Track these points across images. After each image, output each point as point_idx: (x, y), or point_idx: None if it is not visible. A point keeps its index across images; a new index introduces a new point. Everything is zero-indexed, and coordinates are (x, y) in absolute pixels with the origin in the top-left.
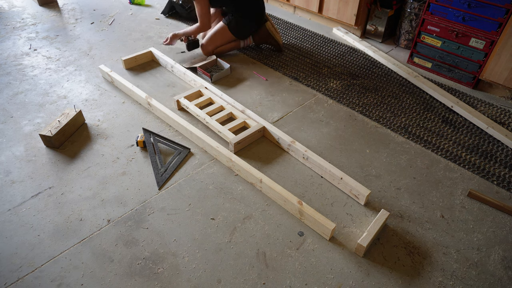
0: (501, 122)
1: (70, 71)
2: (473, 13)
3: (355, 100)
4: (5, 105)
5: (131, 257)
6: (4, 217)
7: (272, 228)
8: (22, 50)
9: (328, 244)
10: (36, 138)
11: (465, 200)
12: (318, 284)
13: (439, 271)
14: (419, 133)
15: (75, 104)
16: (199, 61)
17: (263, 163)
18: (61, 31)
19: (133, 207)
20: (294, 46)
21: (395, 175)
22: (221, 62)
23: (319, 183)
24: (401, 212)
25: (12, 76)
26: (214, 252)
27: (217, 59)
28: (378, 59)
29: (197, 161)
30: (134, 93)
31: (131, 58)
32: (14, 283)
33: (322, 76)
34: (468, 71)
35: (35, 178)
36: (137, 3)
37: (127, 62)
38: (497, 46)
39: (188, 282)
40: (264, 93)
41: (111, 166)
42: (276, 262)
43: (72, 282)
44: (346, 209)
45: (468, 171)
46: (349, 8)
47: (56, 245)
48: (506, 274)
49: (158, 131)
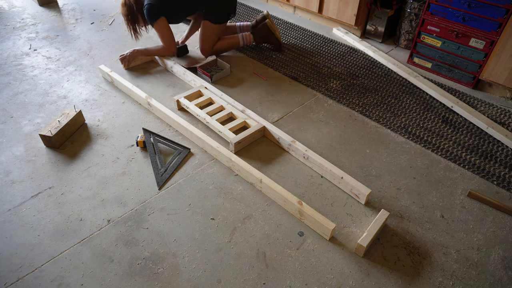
0: (501, 122)
1: (70, 71)
2: (473, 13)
3: (355, 100)
4: (5, 105)
5: (131, 257)
6: (4, 217)
7: (272, 228)
8: (22, 50)
9: (328, 244)
10: (36, 138)
11: (465, 200)
12: (318, 284)
13: (439, 271)
14: (419, 133)
15: (75, 104)
16: (199, 61)
17: (264, 163)
18: (61, 31)
19: (133, 207)
20: (294, 46)
21: (395, 175)
22: (221, 62)
23: (319, 183)
24: (401, 212)
25: (12, 76)
26: (214, 252)
27: (217, 59)
28: (378, 59)
29: (197, 161)
30: (134, 93)
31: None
32: (14, 283)
33: (322, 76)
34: (468, 71)
35: (35, 178)
36: None
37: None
38: (497, 46)
39: (188, 282)
40: (264, 93)
41: (111, 166)
42: (276, 262)
43: (72, 282)
44: (346, 209)
45: (468, 171)
46: (349, 8)
47: (56, 245)
48: (506, 274)
49: (158, 131)
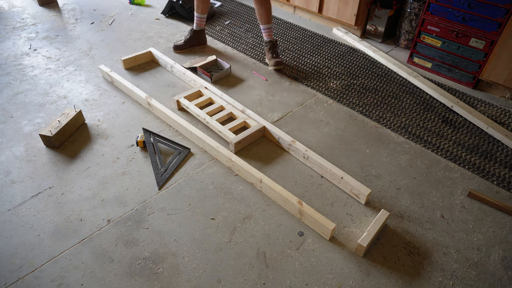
0: (501, 122)
1: (70, 71)
2: (473, 13)
3: (355, 100)
4: (5, 105)
5: (131, 257)
6: (4, 217)
7: (272, 228)
8: (22, 50)
9: (328, 244)
10: (36, 138)
11: (465, 200)
12: (318, 284)
13: (439, 271)
14: (419, 133)
15: (75, 104)
16: (199, 61)
17: (264, 163)
18: (61, 31)
19: (133, 207)
20: (294, 46)
21: (395, 175)
22: (221, 62)
23: (319, 183)
24: (401, 212)
25: (12, 76)
26: (214, 252)
27: (217, 59)
28: (378, 59)
29: (197, 161)
30: (134, 93)
31: (130, 58)
32: (14, 283)
33: (322, 76)
34: (468, 71)
35: (35, 178)
36: (137, 3)
37: (127, 62)
38: (497, 46)
39: (188, 282)
40: (264, 93)
41: (111, 166)
42: (276, 262)
43: (72, 282)
44: (346, 209)
45: (468, 171)
46: (349, 8)
47: (56, 245)
48: (506, 274)
49: (158, 131)
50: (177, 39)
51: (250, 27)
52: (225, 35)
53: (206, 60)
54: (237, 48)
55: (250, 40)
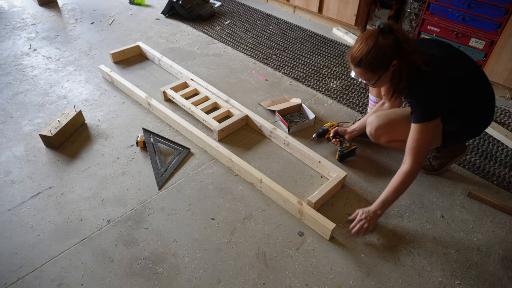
0: (501, 122)
1: (70, 71)
2: (473, 13)
3: (355, 100)
4: (5, 105)
5: (131, 257)
6: (4, 217)
7: (272, 228)
8: (22, 50)
9: (328, 244)
10: (36, 138)
11: (465, 200)
12: (318, 284)
13: (439, 271)
14: None
15: (75, 104)
16: (281, 101)
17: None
18: (61, 31)
19: (133, 207)
20: (294, 46)
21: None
22: (306, 110)
23: (319, 183)
24: (401, 212)
25: (12, 76)
26: (214, 252)
27: (301, 105)
28: None
29: (197, 161)
30: (134, 93)
31: (118, 52)
32: (14, 283)
33: (322, 76)
34: None
35: (35, 178)
36: (137, 3)
37: (115, 55)
38: (497, 46)
39: (188, 282)
40: (264, 93)
41: (111, 166)
42: (276, 262)
43: (72, 282)
44: (346, 209)
45: (468, 171)
46: (349, 8)
47: (56, 245)
48: (506, 274)
49: (158, 131)
50: (177, 39)
51: (250, 27)
52: (225, 35)
53: (288, 104)
54: (237, 48)
55: (250, 40)
